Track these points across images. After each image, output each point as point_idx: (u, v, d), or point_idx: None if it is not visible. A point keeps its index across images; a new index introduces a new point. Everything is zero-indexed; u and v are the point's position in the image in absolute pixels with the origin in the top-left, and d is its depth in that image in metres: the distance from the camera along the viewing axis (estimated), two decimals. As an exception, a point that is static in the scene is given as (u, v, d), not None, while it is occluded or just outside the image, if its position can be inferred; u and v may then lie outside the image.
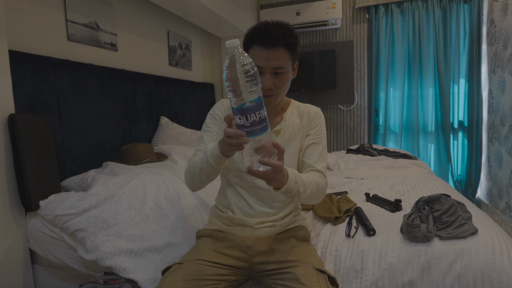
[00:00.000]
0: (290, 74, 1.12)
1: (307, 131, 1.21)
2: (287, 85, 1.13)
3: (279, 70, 1.07)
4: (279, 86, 1.10)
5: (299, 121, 1.22)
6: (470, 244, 1.10)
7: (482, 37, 3.48)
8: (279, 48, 1.04)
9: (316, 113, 1.23)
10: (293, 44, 1.07)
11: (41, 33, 1.97)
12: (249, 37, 1.08)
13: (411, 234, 1.14)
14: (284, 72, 1.08)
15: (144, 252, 1.39)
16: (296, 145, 1.20)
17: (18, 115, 1.62)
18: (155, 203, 1.60)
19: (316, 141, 1.19)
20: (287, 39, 1.04)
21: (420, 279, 1.07)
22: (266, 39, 1.03)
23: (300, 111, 1.24)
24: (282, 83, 1.10)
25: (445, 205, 1.21)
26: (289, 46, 1.06)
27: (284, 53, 1.06)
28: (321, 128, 1.22)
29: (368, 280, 1.11)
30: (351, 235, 1.27)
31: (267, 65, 1.05)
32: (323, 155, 1.19)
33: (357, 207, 1.47)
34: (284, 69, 1.08)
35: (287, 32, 1.05)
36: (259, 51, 1.05)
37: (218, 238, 1.17)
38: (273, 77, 1.08)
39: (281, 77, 1.09)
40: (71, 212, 1.56)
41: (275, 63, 1.05)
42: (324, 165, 1.17)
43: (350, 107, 4.08)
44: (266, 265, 1.09)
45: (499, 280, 1.01)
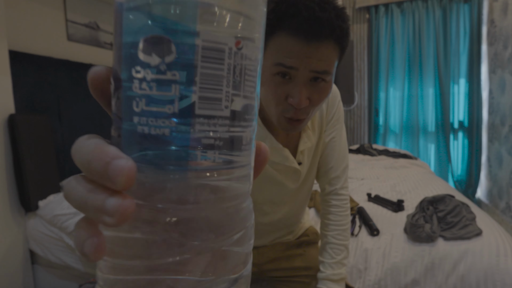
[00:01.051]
0: (332, 83, 0.71)
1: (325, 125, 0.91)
2: (325, 100, 0.72)
3: (322, 76, 0.66)
4: (316, 103, 0.69)
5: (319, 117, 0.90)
6: (474, 245, 1.09)
7: (482, 37, 3.48)
8: (326, 41, 0.63)
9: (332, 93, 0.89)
10: (347, 33, 0.66)
11: (41, 33, 1.96)
12: (275, 17, 0.62)
13: (415, 234, 1.14)
14: (327, 81, 0.68)
15: None
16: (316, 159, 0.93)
17: (18, 115, 1.61)
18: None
19: (334, 135, 0.91)
20: (341, 27, 0.63)
21: (424, 280, 1.07)
22: (307, 26, 0.61)
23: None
24: (321, 98, 0.69)
25: (450, 206, 1.21)
26: (341, 38, 0.65)
27: (334, 48, 0.65)
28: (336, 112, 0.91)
29: (371, 280, 1.11)
30: (355, 233, 1.27)
31: (303, 67, 0.64)
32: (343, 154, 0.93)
33: (359, 207, 1.47)
34: (329, 76, 0.67)
35: (340, 15, 0.63)
36: (292, 44, 0.62)
37: None
38: (310, 89, 0.67)
39: (321, 88, 0.68)
40: (70, 211, 1.57)
41: (319, 65, 0.64)
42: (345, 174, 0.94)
43: (350, 107, 4.08)
44: (277, 271, 1.04)
45: (502, 282, 1.00)
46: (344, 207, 0.94)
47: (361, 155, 3.13)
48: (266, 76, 0.66)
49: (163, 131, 0.18)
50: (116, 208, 0.17)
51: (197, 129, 0.18)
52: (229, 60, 0.19)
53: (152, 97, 0.18)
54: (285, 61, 0.63)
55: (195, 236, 0.19)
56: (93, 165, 0.18)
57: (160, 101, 0.18)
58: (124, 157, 0.17)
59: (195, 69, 0.18)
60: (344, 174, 0.94)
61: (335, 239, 0.92)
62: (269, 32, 0.64)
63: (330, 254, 0.91)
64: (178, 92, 0.18)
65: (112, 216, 0.17)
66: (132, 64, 0.18)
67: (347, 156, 0.95)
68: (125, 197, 0.17)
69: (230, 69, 0.19)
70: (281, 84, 0.66)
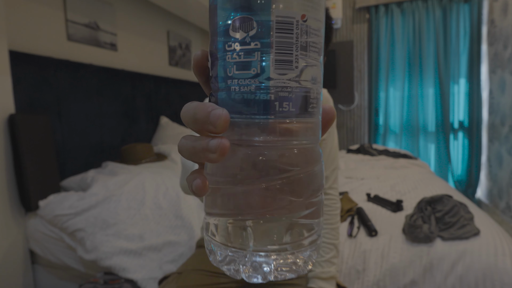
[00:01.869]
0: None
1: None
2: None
3: None
4: None
5: None
6: (472, 245, 1.09)
7: (482, 37, 3.48)
8: None
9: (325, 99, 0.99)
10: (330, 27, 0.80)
11: (41, 33, 1.96)
12: None
13: (413, 234, 1.14)
14: None
15: (144, 251, 1.39)
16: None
17: (18, 115, 1.61)
18: (155, 203, 1.60)
19: (325, 137, 0.97)
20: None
21: (422, 280, 1.07)
22: None
23: None
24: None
25: (448, 206, 1.21)
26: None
27: None
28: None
29: (369, 280, 1.11)
30: (353, 234, 1.27)
31: None
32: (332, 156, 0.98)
33: (358, 208, 1.47)
34: None
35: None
36: None
37: None
38: None
39: None
40: (70, 212, 1.56)
41: None
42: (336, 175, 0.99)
43: (350, 107, 4.08)
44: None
45: (501, 282, 1.00)
46: (332, 206, 0.98)
47: (361, 155, 3.13)
48: None
49: (249, 88, 0.24)
50: (216, 145, 0.23)
51: (274, 85, 0.24)
52: (297, 30, 0.24)
53: (240, 62, 0.24)
54: None
55: (281, 166, 0.25)
56: (198, 116, 0.24)
57: (246, 65, 0.24)
58: (220, 108, 0.24)
59: (271, 39, 0.24)
60: (332, 175, 0.99)
61: (324, 238, 0.94)
62: None
63: (319, 252, 0.93)
64: (260, 57, 0.24)
65: (214, 152, 0.23)
66: (226, 39, 0.25)
67: (337, 159, 1.00)
68: (222, 137, 0.24)
69: (298, 37, 0.24)
70: None
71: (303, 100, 0.25)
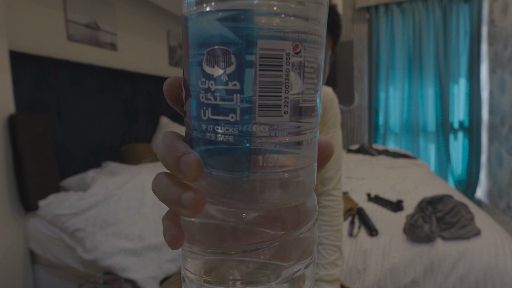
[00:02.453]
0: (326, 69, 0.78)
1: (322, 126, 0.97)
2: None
3: None
4: None
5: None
6: (473, 245, 1.09)
7: (482, 37, 3.48)
8: None
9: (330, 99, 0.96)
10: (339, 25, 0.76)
11: (41, 33, 1.96)
12: None
13: (414, 234, 1.14)
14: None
15: (143, 251, 1.39)
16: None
17: (18, 115, 1.61)
18: (154, 203, 1.60)
19: (329, 136, 0.95)
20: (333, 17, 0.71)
21: (423, 280, 1.07)
22: None
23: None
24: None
25: (448, 206, 1.21)
26: (333, 28, 0.74)
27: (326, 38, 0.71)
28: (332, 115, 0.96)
29: (370, 280, 1.11)
30: (354, 234, 1.27)
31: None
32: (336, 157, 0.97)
33: (359, 208, 1.47)
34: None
35: (332, 9, 0.73)
36: None
37: None
38: None
39: None
40: (70, 212, 1.57)
41: None
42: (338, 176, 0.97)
43: (350, 107, 4.08)
44: None
45: (501, 282, 1.00)
46: (336, 207, 0.96)
47: (361, 155, 3.13)
48: None
49: (227, 138, 0.19)
50: (190, 201, 0.20)
51: (258, 135, 0.19)
52: (287, 65, 0.19)
53: (216, 106, 0.19)
54: None
55: (263, 230, 0.21)
56: (167, 159, 0.21)
57: (223, 110, 0.19)
58: (192, 152, 0.20)
59: (254, 78, 0.19)
60: (336, 175, 0.96)
61: (327, 240, 0.93)
62: None
63: (323, 255, 0.92)
64: (239, 101, 0.19)
65: (187, 208, 0.20)
66: (198, 75, 0.20)
67: (341, 160, 0.98)
68: (197, 191, 0.20)
69: (288, 74, 0.19)
70: None
71: (294, 147, 0.20)
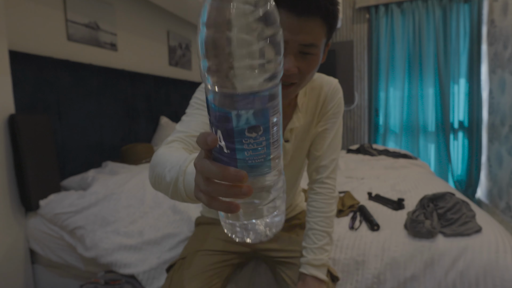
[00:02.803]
0: (320, 57, 0.80)
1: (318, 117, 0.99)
2: (314, 72, 0.81)
3: (309, 50, 0.76)
4: (306, 73, 0.78)
5: (314, 105, 0.97)
6: (473, 241, 1.09)
7: (482, 37, 3.48)
8: (314, 17, 0.73)
9: (331, 89, 0.98)
10: (334, 14, 0.76)
11: (41, 33, 1.96)
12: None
13: (415, 229, 1.14)
14: (315, 53, 0.77)
15: (143, 246, 1.39)
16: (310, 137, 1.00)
17: (18, 115, 1.61)
18: (155, 201, 1.60)
19: (327, 126, 0.98)
20: (328, 6, 0.73)
21: (423, 275, 1.07)
22: (298, 2, 0.71)
23: (313, 92, 0.97)
24: (310, 69, 0.78)
25: (450, 203, 1.21)
26: (328, 17, 0.74)
27: (320, 25, 0.74)
28: (333, 107, 0.98)
29: (370, 273, 1.11)
30: (355, 227, 1.27)
31: (293, 40, 0.74)
32: (333, 147, 0.98)
33: (361, 205, 1.47)
34: (316, 49, 0.76)
35: None
36: (285, 19, 0.72)
37: (219, 225, 1.10)
38: (299, 58, 0.77)
39: (309, 60, 0.77)
40: (71, 210, 1.57)
41: (306, 38, 0.74)
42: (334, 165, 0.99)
43: (350, 107, 4.08)
44: (270, 252, 1.08)
45: (501, 278, 1.00)
46: (328, 195, 0.98)
47: (361, 155, 3.13)
48: None
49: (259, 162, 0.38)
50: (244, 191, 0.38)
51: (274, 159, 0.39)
52: (273, 130, 0.38)
53: (254, 151, 0.37)
54: None
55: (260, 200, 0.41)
56: (226, 179, 0.38)
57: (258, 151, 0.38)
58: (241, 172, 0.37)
59: (272, 136, 0.38)
60: (332, 164, 0.98)
61: (317, 225, 0.96)
62: None
63: (312, 239, 0.96)
64: (265, 148, 0.38)
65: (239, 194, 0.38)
66: (242, 136, 0.36)
67: (338, 150, 0.99)
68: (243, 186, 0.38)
69: (274, 135, 0.38)
70: None
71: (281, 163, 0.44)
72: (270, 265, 1.12)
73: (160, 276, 1.32)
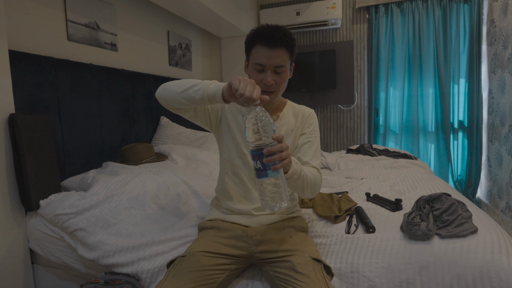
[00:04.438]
0: (288, 73, 1.22)
1: (302, 131, 1.30)
2: (285, 83, 1.23)
3: (280, 69, 1.17)
4: (279, 84, 1.19)
5: (294, 120, 1.31)
6: (469, 243, 1.09)
7: (482, 37, 3.48)
8: (280, 48, 1.14)
9: (310, 114, 1.33)
10: (293, 46, 1.18)
11: (41, 33, 1.97)
12: (252, 37, 1.17)
13: (411, 232, 1.14)
14: (284, 71, 1.18)
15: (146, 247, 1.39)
16: (290, 143, 1.28)
17: (18, 115, 1.62)
18: (156, 203, 1.60)
19: (311, 139, 1.28)
20: (288, 41, 1.15)
21: (419, 278, 1.07)
22: (269, 40, 1.13)
23: (295, 111, 1.33)
24: (282, 81, 1.20)
25: (446, 204, 1.21)
26: (289, 47, 1.16)
27: (285, 53, 1.16)
28: (315, 128, 1.32)
29: (365, 276, 1.11)
30: (351, 232, 1.28)
31: (269, 63, 1.14)
32: (317, 153, 1.28)
33: (357, 207, 1.47)
34: (284, 68, 1.18)
35: (287, 34, 1.16)
36: (262, 50, 1.14)
37: (220, 229, 1.23)
38: (274, 75, 1.17)
39: (281, 75, 1.18)
40: (71, 211, 1.56)
41: (277, 61, 1.15)
42: (319, 162, 1.26)
43: (350, 107, 4.08)
44: (265, 253, 1.15)
45: (498, 279, 1.01)
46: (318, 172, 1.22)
47: (361, 155, 3.13)
48: (250, 71, 1.21)
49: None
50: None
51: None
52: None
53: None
54: (259, 61, 1.16)
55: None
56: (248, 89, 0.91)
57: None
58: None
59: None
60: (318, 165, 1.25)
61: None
62: (251, 45, 1.19)
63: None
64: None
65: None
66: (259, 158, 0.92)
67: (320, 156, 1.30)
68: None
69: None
70: (258, 74, 1.18)
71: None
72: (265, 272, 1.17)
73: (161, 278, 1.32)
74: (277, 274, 1.08)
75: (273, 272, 1.11)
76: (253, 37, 1.17)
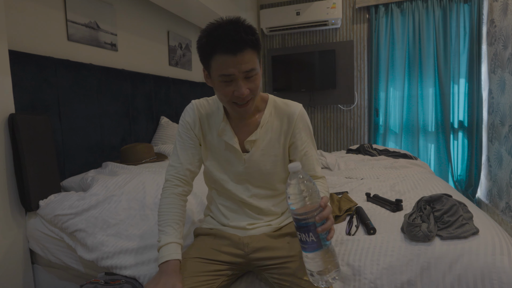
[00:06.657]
0: (260, 73, 1.04)
1: (291, 138, 1.16)
2: (260, 85, 1.07)
3: (251, 73, 0.99)
4: (255, 89, 1.02)
5: (278, 123, 1.15)
6: (470, 244, 1.09)
7: (482, 37, 3.48)
8: (246, 50, 0.95)
9: (298, 114, 1.15)
10: (257, 41, 0.98)
11: (41, 33, 1.96)
12: (207, 47, 0.96)
13: (412, 233, 1.14)
14: (256, 73, 1.00)
15: (145, 250, 1.39)
16: (277, 153, 1.16)
17: (18, 115, 1.61)
18: (155, 203, 1.60)
19: (307, 149, 1.16)
20: (251, 38, 0.95)
21: (420, 279, 1.07)
22: (230, 45, 0.92)
23: (279, 112, 1.16)
24: (256, 85, 1.02)
25: (446, 205, 1.21)
26: (255, 45, 0.97)
27: (252, 53, 0.97)
28: (306, 131, 1.17)
29: (366, 278, 1.11)
30: (352, 233, 1.27)
31: (238, 71, 0.96)
32: (317, 160, 1.20)
33: (358, 207, 1.47)
34: (255, 71, 1.00)
35: (248, 31, 0.95)
36: (225, 60, 0.94)
37: (216, 236, 1.18)
38: (246, 82, 0.99)
39: (254, 80, 1.00)
40: (71, 212, 1.56)
41: (246, 66, 0.96)
42: (320, 168, 1.21)
43: (350, 107, 4.08)
44: (263, 261, 1.11)
45: (499, 281, 1.00)
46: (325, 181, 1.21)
47: (361, 155, 3.13)
48: (216, 84, 1.01)
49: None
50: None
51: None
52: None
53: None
54: (225, 72, 0.96)
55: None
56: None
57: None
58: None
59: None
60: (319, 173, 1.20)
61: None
62: (209, 56, 0.97)
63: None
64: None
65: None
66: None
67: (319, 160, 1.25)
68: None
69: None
70: (227, 86, 0.99)
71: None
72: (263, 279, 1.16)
73: None
74: (277, 281, 1.06)
75: (272, 279, 1.09)
76: (209, 47, 0.95)
